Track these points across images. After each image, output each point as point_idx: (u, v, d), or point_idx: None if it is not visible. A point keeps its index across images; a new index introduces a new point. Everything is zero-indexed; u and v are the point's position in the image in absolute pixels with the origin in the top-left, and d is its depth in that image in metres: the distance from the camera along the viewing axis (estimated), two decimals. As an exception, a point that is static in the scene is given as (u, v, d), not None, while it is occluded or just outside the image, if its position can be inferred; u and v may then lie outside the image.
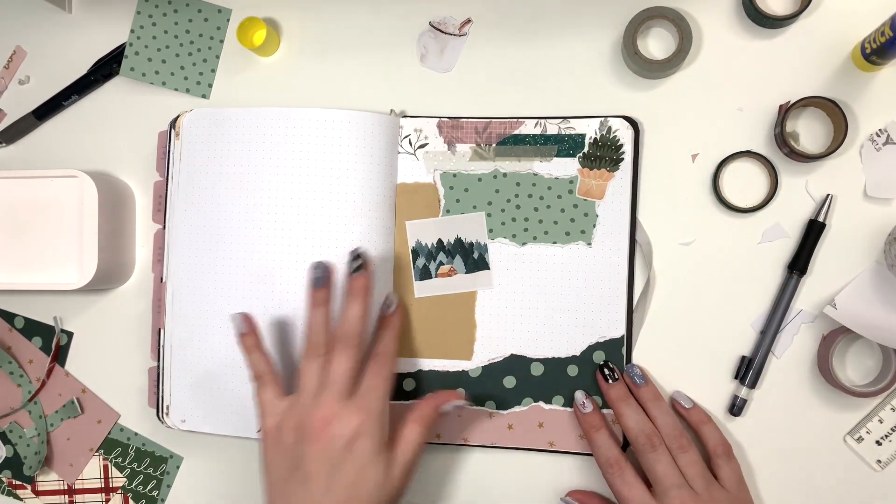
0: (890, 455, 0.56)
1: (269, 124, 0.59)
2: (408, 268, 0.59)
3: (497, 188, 0.59)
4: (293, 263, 0.58)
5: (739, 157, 0.57)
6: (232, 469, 0.62)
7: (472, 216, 0.59)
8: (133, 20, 0.64)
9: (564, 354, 0.58)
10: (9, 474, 0.65)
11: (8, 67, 0.66)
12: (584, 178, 0.58)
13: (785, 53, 0.58)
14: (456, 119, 0.59)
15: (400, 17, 0.62)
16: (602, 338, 0.57)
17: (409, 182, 0.60)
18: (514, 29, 0.60)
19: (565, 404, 0.57)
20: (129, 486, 0.63)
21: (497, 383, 0.58)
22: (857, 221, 0.56)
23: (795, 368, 0.57)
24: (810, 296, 0.57)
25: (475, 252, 0.59)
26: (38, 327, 0.65)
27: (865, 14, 0.57)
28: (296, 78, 0.62)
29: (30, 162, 0.65)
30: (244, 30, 0.60)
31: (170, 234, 0.61)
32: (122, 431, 0.63)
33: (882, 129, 0.56)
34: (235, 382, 0.59)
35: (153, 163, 0.64)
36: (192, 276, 0.60)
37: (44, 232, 0.61)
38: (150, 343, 0.63)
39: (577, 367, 0.57)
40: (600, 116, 0.58)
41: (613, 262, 0.58)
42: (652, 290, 0.58)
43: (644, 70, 0.57)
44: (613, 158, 0.58)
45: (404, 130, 0.60)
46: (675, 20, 0.57)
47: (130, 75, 0.64)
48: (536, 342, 0.58)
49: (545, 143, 0.58)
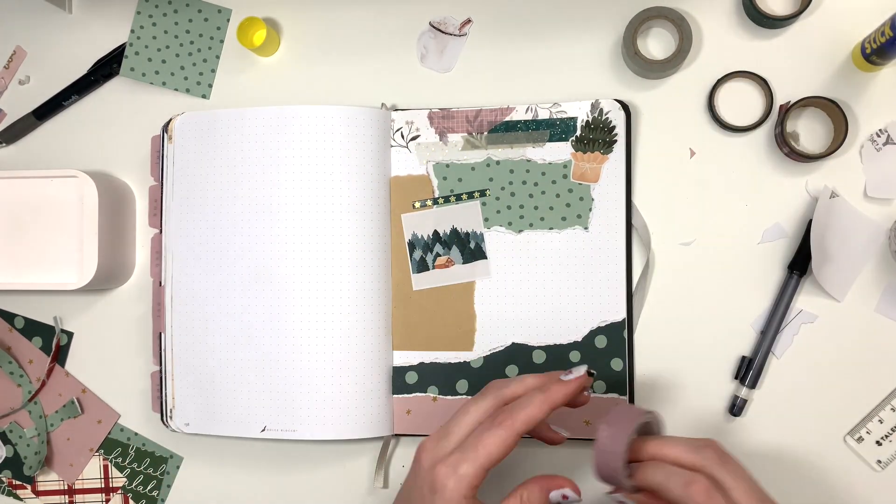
0: (890, 455, 0.56)
1: (261, 124, 0.59)
2: (405, 261, 0.60)
3: (491, 176, 0.59)
4: (290, 262, 0.58)
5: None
6: (232, 469, 0.62)
7: (467, 206, 0.59)
8: (133, 20, 0.64)
9: (566, 341, 0.58)
10: (9, 474, 0.65)
11: (8, 67, 0.66)
12: (578, 161, 0.58)
13: (785, 53, 0.58)
14: (446, 109, 0.59)
15: (400, 17, 0.62)
16: (603, 322, 0.57)
17: (402, 175, 0.60)
18: (514, 29, 0.60)
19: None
20: (129, 487, 0.63)
21: (500, 373, 0.58)
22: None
23: (795, 368, 0.57)
24: (810, 296, 0.57)
25: (472, 242, 0.59)
26: (38, 327, 0.65)
27: (865, 14, 0.57)
28: (296, 78, 0.63)
29: (30, 162, 0.65)
30: (244, 30, 0.60)
31: (167, 238, 0.61)
32: (122, 431, 0.64)
33: (882, 129, 0.56)
34: (236, 384, 0.59)
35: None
36: (190, 279, 0.60)
37: (44, 232, 0.61)
38: (152, 347, 0.63)
39: (579, 353, 0.57)
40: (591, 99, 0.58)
41: (611, 245, 0.57)
42: (651, 272, 0.58)
43: (644, 70, 0.57)
44: (606, 141, 0.58)
45: (396, 123, 0.60)
46: (675, 20, 0.57)
47: (130, 75, 0.64)
48: (537, 330, 0.58)
49: (537, 129, 0.58)
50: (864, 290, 0.56)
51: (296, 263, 0.58)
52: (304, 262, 0.58)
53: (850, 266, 0.56)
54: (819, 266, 0.56)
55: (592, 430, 0.56)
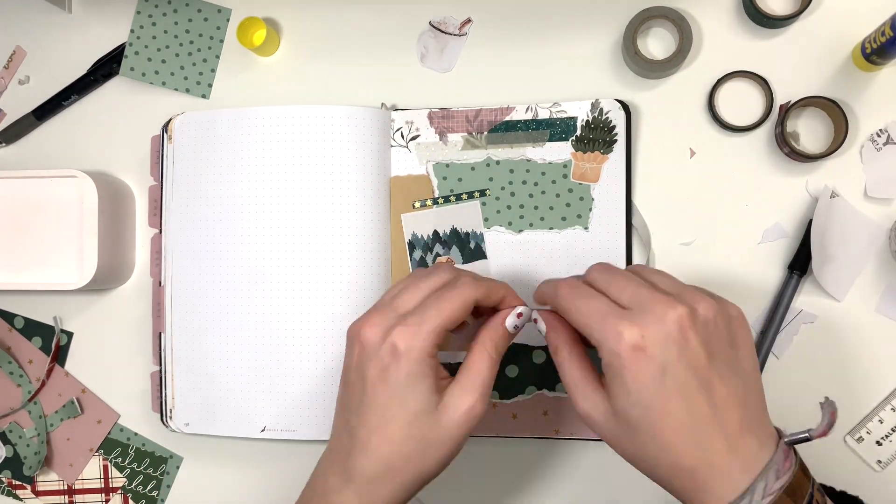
0: (890, 455, 0.56)
1: (260, 123, 0.59)
2: (405, 261, 0.59)
3: (491, 176, 0.59)
4: (290, 261, 0.58)
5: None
6: (232, 469, 0.62)
7: (466, 205, 0.59)
8: (133, 20, 0.64)
9: None
10: (9, 474, 0.65)
11: (8, 67, 0.66)
12: (578, 161, 0.58)
13: (785, 53, 0.58)
14: (446, 109, 0.59)
15: (400, 17, 0.61)
16: None
17: (402, 175, 0.60)
18: (514, 29, 0.60)
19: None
20: (128, 487, 0.63)
21: (500, 373, 0.58)
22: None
23: (795, 368, 0.57)
24: (810, 296, 0.57)
25: (471, 242, 0.59)
26: (37, 327, 0.65)
27: (865, 14, 0.57)
28: (296, 78, 0.62)
29: (30, 162, 0.65)
30: (244, 30, 0.60)
31: (166, 238, 0.61)
32: (122, 431, 0.63)
33: (882, 129, 0.56)
34: (236, 384, 0.59)
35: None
36: (190, 279, 0.60)
37: (44, 232, 0.61)
38: (151, 347, 0.63)
39: None
40: (591, 99, 0.58)
41: (611, 246, 0.57)
42: None
43: (644, 70, 0.57)
44: (606, 140, 0.58)
45: (396, 123, 0.60)
46: (675, 20, 0.57)
47: (130, 75, 0.63)
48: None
49: (537, 128, 0.58)
50: (864, 290, 0.56)
51: (296, 263, 0.58)
52: (305, 262, 0.58)
53: (850, 266, 0.56)
54: (819, 266, 0.56)
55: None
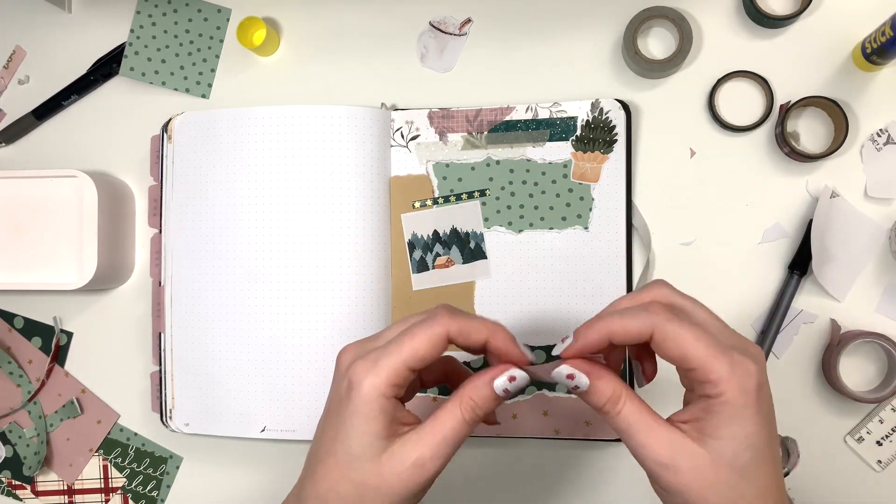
0: (890, 455, 0.56)
1: (260, 123, 0.59)
2: (405, 261, 0.59)
3: (491, 176, 0.59)
4: (290, 261, 0.58)
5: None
6: (232, 469, 0.62)
7: (466, 205, 0.59)
8: (133, 20, 0.64)
9: None
10: (8, 474, 0.64)
11: (8, 67, 0.66)
12: (578, 161, 0.58)
13: (785, 53, 0.58)
14: (446, 109, 0.59)
15: (400, 17, 0.61)
16: None
17: (402, 175, 0.60)
18: (514, 29, 0.60)
19: (569, 392, 0.57)
20: (128, 487, 0.63)
21: None
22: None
23: (795, 368, 0.57)
24: (810, 296, 0.57)
25: (472, 241, 0.59)
26: (37, 327, 0.65)
27: (865, 14, 0.57)
28: (295, 78, 0.62)
29: (30, 162, 0.65)
30: (244, 30, 0.60)
31: (166, 237, 0.61)
32: (122, 432, 0.63)
33: (883, 129, 0.56)
34: (236, 384, 0.59)
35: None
36: (190, 279, 0.60)
37: (44, 232, 0.61)
38: (151, 347, 0.63)
39: None
40: (591, 99, 0.58)
41: (611, 245, 0.57)
42: (651, 272, 0.58)
43: (644, 70, 0.57)
44: (606, 140, 0.57)
45: (396, 123, 0.60)
46: (675, 20, 0.57)
47: (130, 75, 0.63)
48: (537, 329, 0.58)
49: (537, 128, 0.58)
50: (865, 290, 0.56)
51: (296, 263, 0.58)
52: (304, 262, 0.58)
53: (851, 266, 0.56)
54: (819, 266, 0.55)
55: (593, 431, 0.56)
